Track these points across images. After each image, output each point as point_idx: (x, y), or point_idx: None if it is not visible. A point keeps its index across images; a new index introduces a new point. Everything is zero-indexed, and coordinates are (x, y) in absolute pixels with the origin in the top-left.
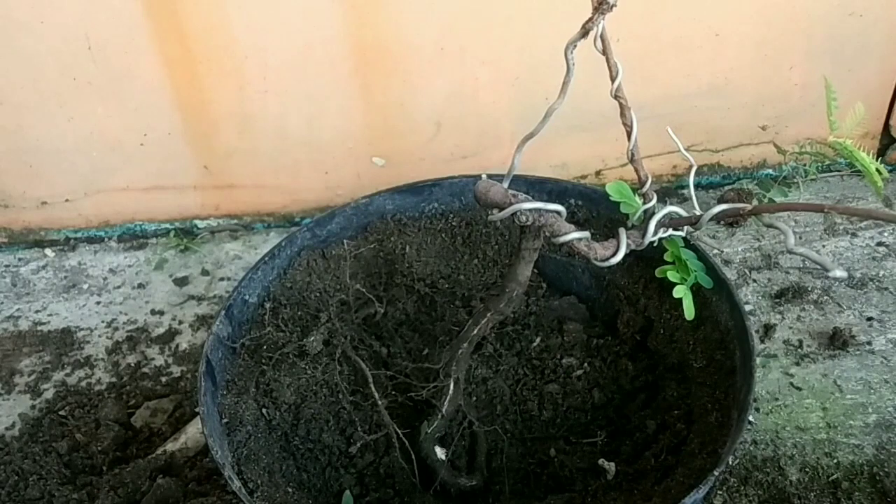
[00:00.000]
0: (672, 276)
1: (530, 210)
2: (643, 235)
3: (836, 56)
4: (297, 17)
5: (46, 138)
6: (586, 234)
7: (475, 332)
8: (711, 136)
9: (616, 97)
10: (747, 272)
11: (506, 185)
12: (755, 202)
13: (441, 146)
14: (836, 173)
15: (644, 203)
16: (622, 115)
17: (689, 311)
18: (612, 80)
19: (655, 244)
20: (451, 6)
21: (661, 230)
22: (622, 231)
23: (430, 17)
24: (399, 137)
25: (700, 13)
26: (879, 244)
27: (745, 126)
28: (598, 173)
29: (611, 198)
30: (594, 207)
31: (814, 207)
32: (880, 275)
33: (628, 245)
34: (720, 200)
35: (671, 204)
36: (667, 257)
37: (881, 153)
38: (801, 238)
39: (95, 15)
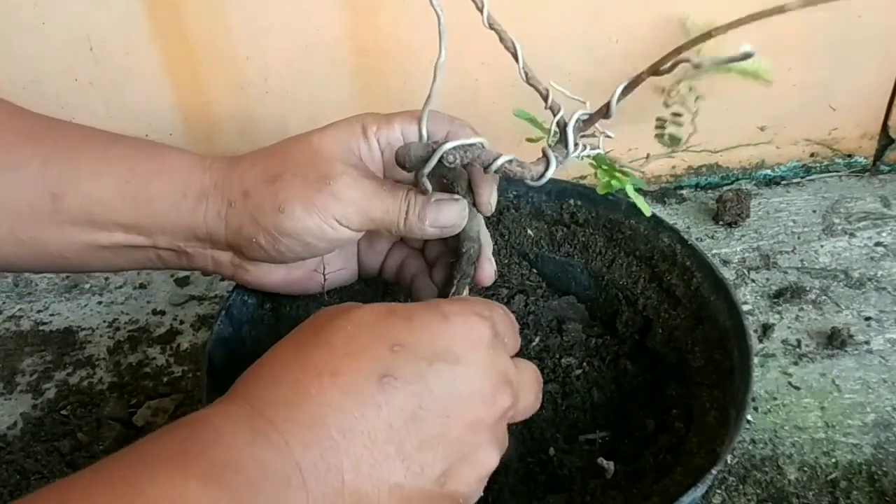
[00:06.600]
0: (617, 182)
1: (455, 148)
2: (566, 146)
3: (834, 57)
4: (297, 18)
5: None
6: (514, 156)
7: None
8: (710, 137)
9: (490, 26)
10: (745, 272)
11: (424, 124)
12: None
13: None
14: (835, 174)
15: (554, 116)
16: (501, 41)
17: (644, 207)
18: (480, 11)
19: (581, 158)
20: (451, 8)
21: (582, 147)
22: (547, 148)
23: (430, 20)
24: None
25: (698, 14)
26: (878, 244)
27: (744, 126)
28: (596, 173)
29: (517, 116)
30: (593, 208)
31: (705, 37)
32: (878, 275)
33: (556, 158)
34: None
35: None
36: (598, 175)
37: (880, 154)
38: (798, 238)
39: (97, 16)
